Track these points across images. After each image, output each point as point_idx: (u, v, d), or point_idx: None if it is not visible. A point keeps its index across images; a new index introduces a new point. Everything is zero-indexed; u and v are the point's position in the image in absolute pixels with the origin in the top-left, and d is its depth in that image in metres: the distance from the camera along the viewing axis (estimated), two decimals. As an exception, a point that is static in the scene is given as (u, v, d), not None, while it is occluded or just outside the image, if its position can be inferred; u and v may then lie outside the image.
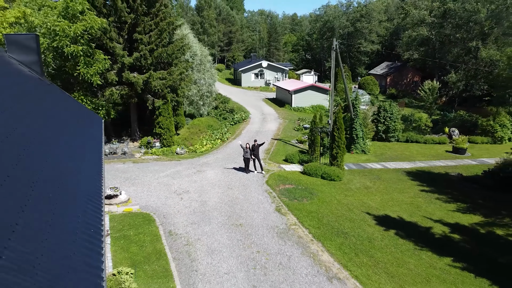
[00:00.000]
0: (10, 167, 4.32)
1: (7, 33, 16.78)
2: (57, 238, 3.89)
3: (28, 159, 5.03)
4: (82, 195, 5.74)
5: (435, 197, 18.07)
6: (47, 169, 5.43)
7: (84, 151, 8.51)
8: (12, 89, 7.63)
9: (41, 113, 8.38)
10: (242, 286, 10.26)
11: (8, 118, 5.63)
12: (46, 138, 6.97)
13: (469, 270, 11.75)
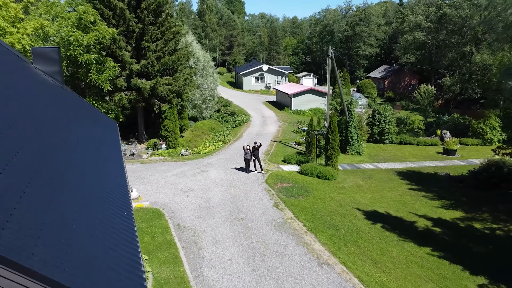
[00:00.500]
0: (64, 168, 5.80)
1: (34, 47, 18.33)
2: (105, 218, 5.35)
3: (76, 161, 6.55)
4: (115, 190, 7.22)
5: (422, 195, 19.52)
6: (90, 168, 6.95)
7: (109, 152, 10.02)
8: (43, 97, 9.15)
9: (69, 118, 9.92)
10: (243, 270, 11.72)
11: (48, 122, 7.15)
12: (79, 142, 8.49)
13: (445, 258, 13.19)
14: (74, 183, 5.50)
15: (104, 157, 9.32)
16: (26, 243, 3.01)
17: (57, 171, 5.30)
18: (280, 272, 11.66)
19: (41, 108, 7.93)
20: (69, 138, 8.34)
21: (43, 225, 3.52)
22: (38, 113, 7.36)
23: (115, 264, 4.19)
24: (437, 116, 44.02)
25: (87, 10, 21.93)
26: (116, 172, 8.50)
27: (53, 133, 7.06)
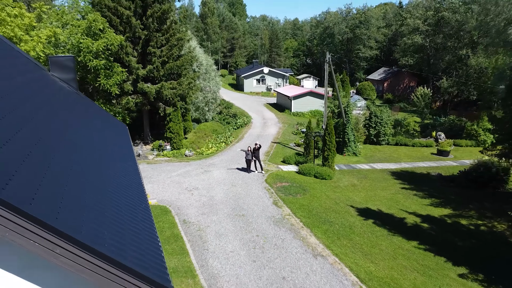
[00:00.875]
0: (97, 166, 6.98)
1: (46, 53, 19.53)
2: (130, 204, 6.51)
3: (105, 159, 7.72)
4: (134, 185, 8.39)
5: (413, 194, 20.64)
6: (114, 167, 8.13)
7: (125, 153, 11.19)
8: (63, 103, 10.36)
9: (88, 122, 11.12)
10: (244, 260, 12.85)
11: (71, 125, 8.33)
12: (99, 143, 9.67)
13: (431, 250, 14.31)
14: (107, 174, 6.70)
15: (121, 156, 10.50)
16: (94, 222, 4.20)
17: (87, 167, 6.51)
18: (278, 262, 12.80)
19: (63, 113, 9.15)
20: (93, 139, 9.54)
21: (99, 204, 4.71)
22: (62, 118, 8.57)
23: (139, 231, 5.41)
24: (433, 118, 45.11)
25: (96, 18, 23.10)
26: (133, 170, 9.66)
27: (78, 134, 8.25)
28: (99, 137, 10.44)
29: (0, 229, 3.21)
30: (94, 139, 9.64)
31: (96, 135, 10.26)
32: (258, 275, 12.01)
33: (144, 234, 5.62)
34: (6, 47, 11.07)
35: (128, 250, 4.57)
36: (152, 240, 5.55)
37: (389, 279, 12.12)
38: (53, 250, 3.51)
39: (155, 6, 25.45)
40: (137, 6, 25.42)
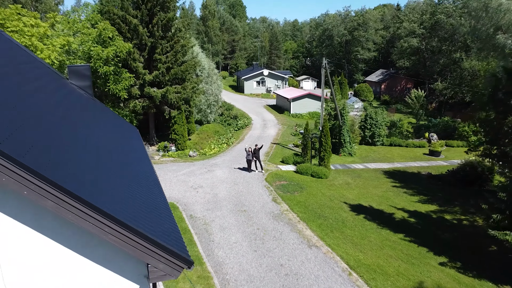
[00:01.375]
0: (123, 167, 8.48)
1: (70, 65, 21.00)
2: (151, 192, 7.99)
3: (131, 161, 9.21)
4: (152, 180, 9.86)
5: (403, 191, 22.12)
6: (137, 166, 9.61)
7: (140, 150, 12.67)
8: (84, 108, 11.86)
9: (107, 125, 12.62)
10: (246, 250, 14.32)
11: (93, 127, 9.83)
12: (120, 144, 11.16)
13: (415, 242, 15.79)
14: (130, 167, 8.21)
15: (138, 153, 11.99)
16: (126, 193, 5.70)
17: (116, 159, 8.03)
18: (277, 252, 14.27)
19: (86, 117, 10.70)
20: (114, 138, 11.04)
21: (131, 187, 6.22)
22: (85, 121, 10.11)
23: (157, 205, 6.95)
24: (428, 119, 46.54)
25: (106, 27, 24.54)
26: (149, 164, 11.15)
27: (101, 134, 9.77)
28: (117, 137, 11.95)
29: (70, 216, 4.73)
30: (113, 138, 11.15)
31: (114, 135, 11.76)
32: (258, 262, 13.48)
33: (167, 218, 7.08)
34: (32, 59, 12.64)
35: (158, 230, 6.05)
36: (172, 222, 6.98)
37: (376, 266, 13.59)
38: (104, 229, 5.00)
39: (161, 14, 26.92)
40: (143, 15, 26.89)
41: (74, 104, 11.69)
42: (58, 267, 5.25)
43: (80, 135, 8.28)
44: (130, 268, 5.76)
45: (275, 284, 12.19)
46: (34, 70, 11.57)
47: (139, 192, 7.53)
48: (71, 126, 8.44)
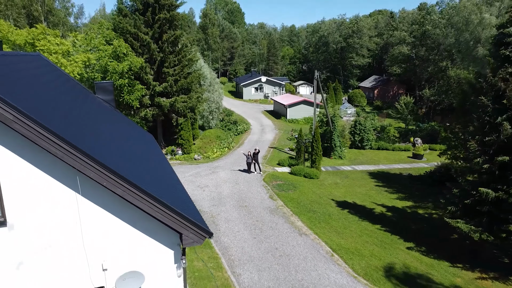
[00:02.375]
0: (153, 168, 11.49)
1: (97, 81, 23.99)
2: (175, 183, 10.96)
3: (159, 161, 12.21)
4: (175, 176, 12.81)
5: (384, 190, 25.14)
6: (164, 166, 12.58)
7: (161, 155, 15.62)
8: (112, 118, 14.81)
9: (132, 133, 15.56)
10: (247, 237, 17.26)
11: (124, 132, 12.83)
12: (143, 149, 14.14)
13: (389, 231, 18.77)
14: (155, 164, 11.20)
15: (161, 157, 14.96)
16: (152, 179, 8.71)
17: (145, 156, 11.02)
18: (272, 238, 17.22)
19: (114, 123, 13.72)
20: (142, 144, 14.03)
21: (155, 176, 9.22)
22: (115, 128, 13.11)
23: (183, 194, 9.88)
24: (416, 124, 49.63)
25: (121, 44, 27.53)
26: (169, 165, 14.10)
27: (133, 140, 12.78)
28: (144, 143, 14.93)
29: (131, 199, 7.71)
30: (142, 143, 14.14)
31: (141, 141, 14.73)
32: (257, 247, 16.43)
33: (191, 203, 10.04)
34: (67, 78, 15.70)
35: (188, 211, 9.01)
36: (194, 206, 9.93)
37: (354, 249, 16.56)
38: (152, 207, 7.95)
39: (170, 32, 29.95)
40: (154, 32, 29.88)
41: (108, 116, 14.70)
42: (121, 236, 8.23)
43: (122, 142, 11.26)
44: (167, 238, 8.71)
45: (271, 263, 15.14)
46: (74, 87, 14.69)
47: (171, 184, 10.52)
48: (116, 134, 11.44)
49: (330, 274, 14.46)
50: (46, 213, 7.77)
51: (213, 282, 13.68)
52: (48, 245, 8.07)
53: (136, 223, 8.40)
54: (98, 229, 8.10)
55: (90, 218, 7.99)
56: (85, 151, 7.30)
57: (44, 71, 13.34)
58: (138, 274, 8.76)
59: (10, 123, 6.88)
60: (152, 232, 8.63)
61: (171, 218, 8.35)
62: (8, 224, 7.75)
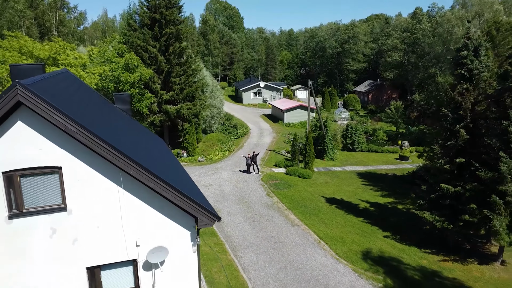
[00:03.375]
0: (168, 169, 14.41)
1: (116, 93, 26.77)
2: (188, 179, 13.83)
3: (172, 165, 15.13)
4: (187, 175, 15.69)
5: (370, 188, 28.02)
6: (176, 164, 15.48)
7: (173, 156, 18.49)
8: (130, 125, 17.68)
9: (148, 137, 18.41)
10: (247, 228, 20.10)
11: (141, 139, 15.77)
12: (159, 151, 17.04)
13: (370, 223, 21.65)
14: (171, 162, 14.10)
15: (174, 158, 17.80)
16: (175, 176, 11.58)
17: (161, 155, 13.93)
18: (269, 229, 20.08)
19: (134, 129, 16.59)
20: (153, 145, 16.88)
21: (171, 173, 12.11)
22: (136, 134, 16.00)
23: (196, 187, 12.78)
24: (407, 127, 52.57)
25: (132, 57, 30.42)
26: (180, 165, 16.95)
27: (145, 141, 15.66)
28: (156, 144, 17.77)
29: (159, 190, 10.61)
30: (156, 146, 16.97)
31: (155, 144, 17.57)
32: (256, 235, 19.29)
33: (201, 195, 12.93)
34: (92, 90, 18.57)
35: (201, 200, 11.90)
36: (204, 197, 12.83)
37: (338, 237, 19.42)
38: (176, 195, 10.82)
39: (176, 45, 32.86)
40: (161, 45, 32.79)
41: (129, 124, 17.55)
42: (151, 219, 11.07)
43: (144, 146, 14.14)
44: (186, 221, 11.54)
45: (267, 248, 17.99)
46: (99, 98, 17.57)
47: (185, 180, 13.40)
48: (138, 139, 14.32)
49: (317, 257, 17.32)
50: (95, 202, 10.65)
51: (219, 263, 16.54)
52: (96, 226, 10.94)
53: (162, 209, 11.27)
54: (133, 214, 10.98)
55: (128, 205, 10.88)
56: (127, 155, 10.21)
57: (77, 87, 16.24)
58: (163, 248, 11.62)
59: (73, 134, 9.78)
60: (175, 217, 11.50)
61: (190, 205, 11.25)
62: (67, 210, 10.60)
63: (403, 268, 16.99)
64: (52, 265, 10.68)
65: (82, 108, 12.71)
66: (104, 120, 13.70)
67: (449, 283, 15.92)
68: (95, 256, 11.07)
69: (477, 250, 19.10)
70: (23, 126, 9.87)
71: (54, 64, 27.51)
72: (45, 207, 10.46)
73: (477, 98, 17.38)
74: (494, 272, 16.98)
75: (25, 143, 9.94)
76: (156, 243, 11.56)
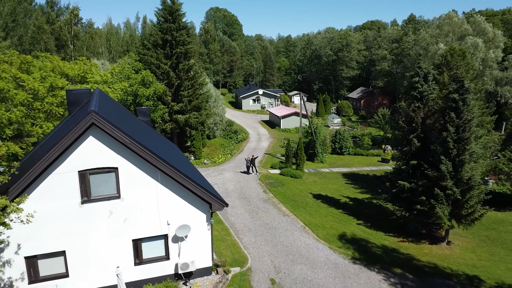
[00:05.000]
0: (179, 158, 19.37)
1: (139, 107, 31.45)
2: (201, 176, 18.70)
3: (187, 161, 20.07)
4: (199, 173, 20.59)
5: (351, 186, 32.88)
6: (190, 164, 20.42)
7: (187, 160, 23.45)
8: (152, 134, 22.62)
9: (163, 142, 23.33)
10: (247, 217, 24.91)
11: (162, 142, 20.74)
12: (177, 155, 21.99)
13: (347, 213, 26.49)
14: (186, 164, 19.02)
15: (188, 160, 22.70)
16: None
17: (179, 158, 18.84)
18: (264, 218, 24.90)
19: (156, 137, 21.54)
20: (171, 149, 21.83)
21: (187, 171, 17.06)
22: (157, 139, 20.96)
23: (205, 180, 17.70)
24: (393, 132, 57.37)
25: (147, 74, 35.30)
26: (192, 165, 21.85)
27: (165, 147, 20.61)
28: (173, 149, 22.64)
29: (183, 183, 15.57)
30: (173, 149, 21.84)
31: (170, 147, 22.42)
32: (254, 223, 24.11)
33: (212, 187, 17.84)
34: (121, 106, 23.44)
35: (213, 191, 16.80)
36: (212, 187, 17.73)
37: (320, 224, 24.25)
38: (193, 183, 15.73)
39: (184, 62, 37.78)
40: (172, 63, 37.70)
41: (152, 133, 22.42)
42: (178, 205, 16.01)
43: (166, 148, 19.02)
44: (203, 207, 16.45)
45: (263, 232, 22.80)
46: (127, 112, 22.43)
47: (200, 177, 18.30)
48: (162, 145, 19.22)
49: (302, 238, 22.15)
50: (140, 192, 15.53)
51: (225, 242, 21.35)
52: (140, 209, 15.82)
53: (186, 197, 16.15)
54: (166, 201, 15.86)
55: (162, 195, 15.76)
56: (164, 158, 15.12)
57: (114, 104, 21.13)
58: (187, 226, 16.45)
59: (127, 144, 14.70)
60: (195, 203, 16.39)
61: (206, 195, 16.16)
62: (121, 198, 15.46)
63: (369, 246, 21.84)
64: (108, 237, 15.57)
65: (124, 123, 17.59)
66: (140, 131, 18.59)
67: (403, 257, 20.78)
68: (139, 231, 15.99)
69: (430, 234, 23.95)
70: (93, 139, 14.84)
71: (84, 81, 32.31)
72: (105, 195, 15.37)
73: (426, 114, 22.30)
74: (439, 250, 21.83)
75: (94, 151, 14.89)
76: (182, 222, 16.43)
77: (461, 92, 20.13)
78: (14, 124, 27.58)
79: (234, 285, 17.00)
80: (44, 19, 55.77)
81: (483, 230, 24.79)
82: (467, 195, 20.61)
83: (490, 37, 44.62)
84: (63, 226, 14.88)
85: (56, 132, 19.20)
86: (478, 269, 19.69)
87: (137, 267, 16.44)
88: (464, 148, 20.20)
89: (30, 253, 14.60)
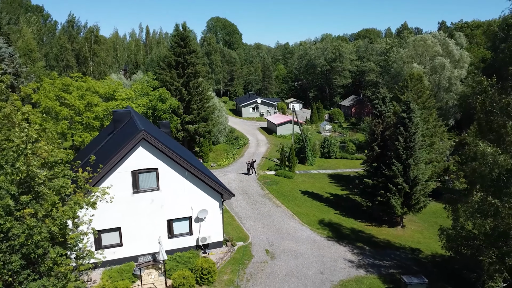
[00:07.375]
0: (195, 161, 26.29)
1: (161, 120, 38.19)
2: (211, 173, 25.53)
3: (194, 158, 27.00)
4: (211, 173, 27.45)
5: (335, 185, 39.71)
6: (204, 167, 27.31)
7: (200, 162, 30.37)
8: (173, 143, 29.49)
9: (181, 148, 30.17)
10: (248, 208, 31.66)
11: (180, 149, 27.68)
12: (192, 158, 28.89)
13: (327, 205, 33.30)
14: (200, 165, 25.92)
15: (199, 161, 29.57)
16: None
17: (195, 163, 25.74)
18: (262, 208, 31.65)
19: (177, 145, 28.45)
20: (189, 154, 28.77)
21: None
22: (178, 146, 27.92)
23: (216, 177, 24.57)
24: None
25: (164, 91, 42.09)
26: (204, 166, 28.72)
27: (186, 153, 27.53)
28: (188, 153, 29.46)
29: (200, 177, 22.46)
30: (188, 153, 28.68)
31: (187, 152, 29.25)
32: (253, 212, 30.87)
33: (218, 180, 24.68)
34: (146, 119, 30.32)
35: (223, 185, 23.63)
36: (220, 182, 24.56)
37: (305, 213, 31.00)
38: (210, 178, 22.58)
39: (194, 80, 44.65)
40: (184, 81, 44.57)
41: (174, 142, 29.22)
42: (199, 195, 22.90)
43: (185, 154, 25.89)
44: (216, 196, 23.38)
45: (260, 218, 29.55)
46: (154, 125, 29.16)
47: (211, 173, 25.14)
48: (182, 151, 26.10)
49: (290, 223, 28.93)
50: (174, 185, 22.41)
51: (231, 225, 28.13)
52: (172, 198, 22.63)
53: (205, 189, 22.98)
54: (190, 192, 22.68)
55: (188, 188, 22.61)
56: (189, 161, 22.02)
57: (146, 119, 27.98)
58: (205, 210, 23.26)
59: (165, 151, 21.61)
60: (211, 194, 23.22)
61: (219, 187, 23.04)
62: (159, 190, 22.32)
63: (341, 228, 28.63)
64: (150, 218, 22.23)
65: (157, 134, 24.40)
66: (168, 141, 25.36)
67: (365, 236, 27.57)
68: (171, 214, 22.72)
69: (391, 220, 30.73)
70: (142, 149, 21.64)
71: (112, 98, 39.06)
72: (149, 188, 22.09)
73: (385, 127, 29.15)
74: (395, 231, 28.64)
75: (142, 157, 21.66)
76: (201, 207, 23.16)
77: (407, 111, 27.00)
78: (59, 134, 34.36)
79: (239, 253, 23.78)
80: (66, 38, 62.60)
81: (433, 218, 31.61)
82: (413, 189, 27.43)
83: (457, 58, 51.41)
84: (120, 209, 21.50)
85: (107, 141, 25.88)
86: (421, 244, 26.53)
87: (170, 240, 23.10)
88: (411, 153, 27.04)
89: (97, 228, 21.27)
